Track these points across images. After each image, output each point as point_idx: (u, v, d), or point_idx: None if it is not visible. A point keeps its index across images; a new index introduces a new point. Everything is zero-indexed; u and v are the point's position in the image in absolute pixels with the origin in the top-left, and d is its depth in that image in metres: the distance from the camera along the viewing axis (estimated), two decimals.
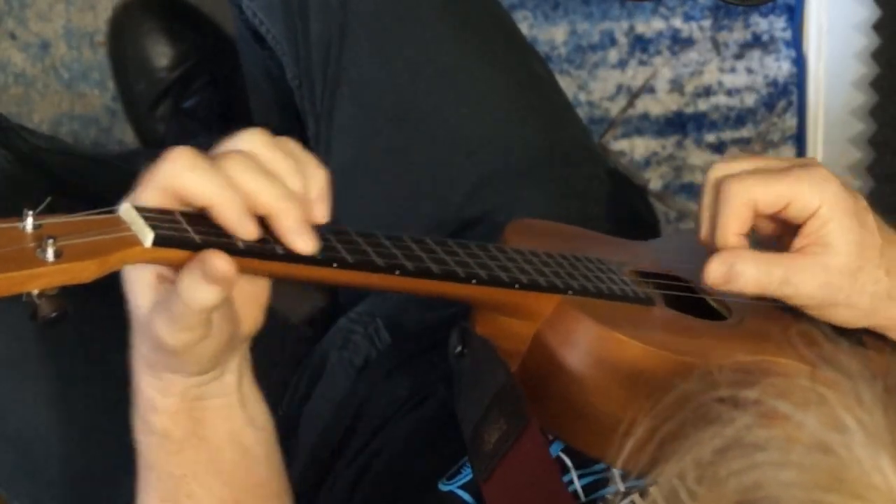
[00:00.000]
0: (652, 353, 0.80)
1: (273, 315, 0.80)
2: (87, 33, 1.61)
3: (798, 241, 0.85)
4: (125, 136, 1.62)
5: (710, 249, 0.86)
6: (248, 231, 0.71)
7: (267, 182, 0.72)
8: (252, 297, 0.78)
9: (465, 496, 0.88)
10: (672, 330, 0.85)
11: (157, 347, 0.74)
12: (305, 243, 0.72)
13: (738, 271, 0.84)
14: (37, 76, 1.61)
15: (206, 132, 1.57)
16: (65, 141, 1.55)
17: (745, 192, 0.84)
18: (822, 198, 0.83)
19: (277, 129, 1.42)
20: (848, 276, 0.85)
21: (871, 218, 0.85)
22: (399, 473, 1.01)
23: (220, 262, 0.69)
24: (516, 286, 0.80)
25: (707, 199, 0.87)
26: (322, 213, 0.75)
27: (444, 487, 0.90)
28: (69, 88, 1.62)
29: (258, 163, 0.72)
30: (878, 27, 1.63)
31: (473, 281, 0.78)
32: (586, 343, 0.80)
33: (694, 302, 0.90)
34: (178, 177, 0.70)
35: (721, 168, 0.86)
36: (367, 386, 1.10)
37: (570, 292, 0.82)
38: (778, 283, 0.84)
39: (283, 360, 1.17)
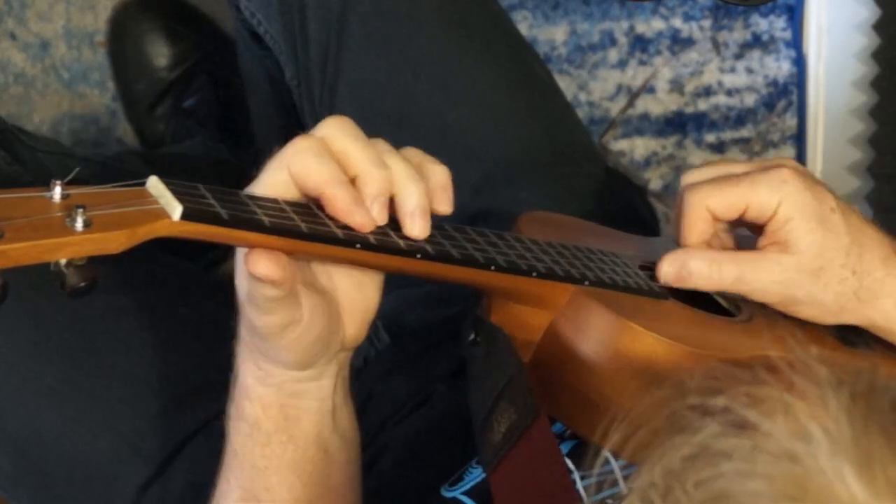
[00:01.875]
0: (666, 344, 0.80)
1: None
2: (87, 33, 1.61)
3: (761, 241, 0.87)
4: (125, 136, 1.62)
5: None
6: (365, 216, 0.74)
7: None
8: (358, 306, 0.80)
9: (470, 503, 0.88)
10: (685, 323, 0.85)
11: (252, 332, 0.78)
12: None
13: (689, 270, 0.86)
14: (37, 76, 1.61)
15: (205, 131, 1.57)
16: (62, 143, 1.55)
17: (700, 201, 0.87)
18: (779, 199, 0.85)
19: (277, 129, 1.42)
20: (808, 275, 0.86)
21: (837, 218, 0.86)
22: (400, 479, 1.01)
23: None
24: (534, 274, 0.81)
25: (676, 208, 0.89)
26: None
27: (447, 493, 0.90)
28: (69, 88, 1.61)
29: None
30: (878, 27, 1.63)
31: (492, 267, 0.79)
32: (602, 333, 0.81)
33: (704, 299, 0.90)
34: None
35: (688, 177, 0.89)
36: (365, 387, 1.09)
37: (586, 283, 0.83)
38: (731, 280, 0.86)
39: None
